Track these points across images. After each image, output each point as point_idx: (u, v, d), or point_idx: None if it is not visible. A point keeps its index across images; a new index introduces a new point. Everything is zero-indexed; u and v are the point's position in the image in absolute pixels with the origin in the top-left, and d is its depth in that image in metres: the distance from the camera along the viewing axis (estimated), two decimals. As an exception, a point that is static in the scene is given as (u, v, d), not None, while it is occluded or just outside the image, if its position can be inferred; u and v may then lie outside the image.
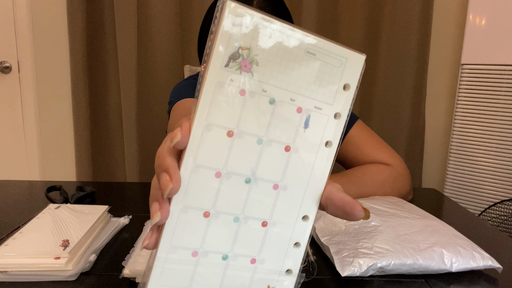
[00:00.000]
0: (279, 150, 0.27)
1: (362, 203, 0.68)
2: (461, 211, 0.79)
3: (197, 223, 0.27)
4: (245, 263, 0.29)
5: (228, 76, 0.25)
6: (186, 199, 0.26)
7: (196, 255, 0.27)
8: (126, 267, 0.51)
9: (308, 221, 0.29)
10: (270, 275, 0.30)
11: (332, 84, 0.28)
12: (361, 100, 1.79)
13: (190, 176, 0.26)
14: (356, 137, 0.84)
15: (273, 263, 0.29)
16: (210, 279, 0.28)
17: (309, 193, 0.29)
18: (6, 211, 0.73)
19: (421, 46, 1.70)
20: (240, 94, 0.25)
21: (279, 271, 0.30)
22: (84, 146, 1.85)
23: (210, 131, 0.25)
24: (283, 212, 0.29)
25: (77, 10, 1.74)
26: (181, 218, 0.26)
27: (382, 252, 0.52)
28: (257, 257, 0.29)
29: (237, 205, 0.27)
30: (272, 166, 0.27)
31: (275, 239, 0.29)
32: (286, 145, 0.27)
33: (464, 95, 1.62)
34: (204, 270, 0.28)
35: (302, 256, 0.30)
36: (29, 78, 1.89)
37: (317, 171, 0.29)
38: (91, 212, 0.64)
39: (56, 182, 0.85)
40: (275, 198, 0.28)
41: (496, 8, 1.50)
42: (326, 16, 1.71)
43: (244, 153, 0.26)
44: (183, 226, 0.26)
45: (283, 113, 0.27)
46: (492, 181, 1.59)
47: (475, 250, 0.54)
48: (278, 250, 0.29)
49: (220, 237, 0.27)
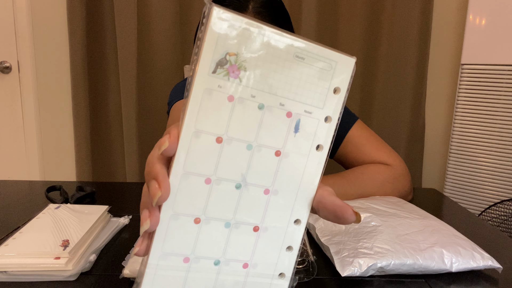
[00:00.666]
0: (270, 155, 0.27)
1: (353, 206, 0.68)
2: (461, 211, 0.79)
3: (187, 229, 0.26)
4: (237, 267, 0.29)
5: (216, 82, 0.25)
6: (176, 206, 0.26)
7: (188, 261, 0.27)
8: (126, 267, 0.51)
9: (300, 225, 0.29)
10: (263, 279, 0.29)
11: (322, 87, 0.28)
12: (361, 100, 1.80)
13: (180, 183, 0.26)
14: (356, 137, 0.84)
15: (266, 267, 0.29)
16: (202, 284, 0.28)
17: (301, 197, 0.29)
18: (6, 211, 0.73)
19: (421, 46, 1.70)
20: (228, 100, 0.25)
21: (271, 275, 0.30)
22: (84, 146, 1.85)
23: (198, 138, 0.25)
24: (275, 216, 0.29)
25: (77, 10, 1.74)
26: (171, 224, 0.26)
27: (382, 252, 0.52)
28: (249, 262, 0.29)
29: (228, 211, 0.27)
30: (262, 171, 0.27)
31: (267, 243, 0.29)
32: (276, 150, 0.27)
33: (464, 95, 1.62)
34: (196, 276, 0.28)
35: (295, 259, 0.30)
36: (29, 78, 1.89)
37: (308, 175, 0.29)
38: (91, 212, 0.64)
39: (56, 182, 0.85)
40: (266, 203, 0.28)
41: (496, 8, 1.50)
42: (326, 16, 1.71)
43: (234, 159, 0.26)
44: (173, 232, 0.26)
45: (273, 118, 0.27)
46: (492, 181, 1.59)
47: (475, 250, 0.54)
48: (271, 254, 0.29)
49: (211, 243, 0.27)
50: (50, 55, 1.89)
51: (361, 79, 1.77)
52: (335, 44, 1.75)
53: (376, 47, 1.75)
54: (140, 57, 1.77)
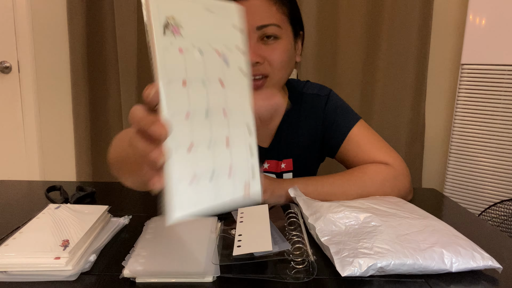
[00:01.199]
0: (218, 85, 0.39)
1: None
2: (461, 211, 0.79)
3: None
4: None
5: (168, 40, 0.35)
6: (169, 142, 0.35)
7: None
8: (126, 267, 0.51)
9: (251, 114, 0.42)
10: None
11: (229, 29, 0.41)
12: (361, 100, 1.80)
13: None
14: (357, 136, 0.84)
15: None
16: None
17: (245, 96, 0.42)
18: (6, 211, 0.73)
19: (421, 46, 1.70)
20: (179, 52, 0.36)
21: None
22: (84, 146, 1.85)
23: (171, 84, 0.35)
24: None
25: (77, 10, 1.74)
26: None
27: (382, 252, 0.52)
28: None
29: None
30: (217, 94, 0.39)
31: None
32: (220, 81, 0.39)
33: (464, 95, 1.62)
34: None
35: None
36: (29, 78, 1.89)
37: (244, 90, 0.42)
38: (91, 212, 0.64)
39: (56, 182, 0.85)
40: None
41: (496, 8, 1.50)
42: (326, 16, 1.71)
43: (197, 93, 0.37)
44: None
45: (211, 58, 0.39)
46: (492, 181, 1.59)
47: (475, 250, 0.54)
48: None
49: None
50: (50, 55, 1.89)
51: (361, 79, 1.77)
52: (335, 44, 1.75)
53: (376, 47, 1.75)
54: (140, 57, 1.77)
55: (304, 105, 0.88)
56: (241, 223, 0.62)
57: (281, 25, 0.75)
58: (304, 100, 0.88)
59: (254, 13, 0.72)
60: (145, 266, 0.51)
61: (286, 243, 0.56)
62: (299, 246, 0.55)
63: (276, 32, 0.74)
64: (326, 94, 0.88)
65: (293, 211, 0.66)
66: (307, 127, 0.88)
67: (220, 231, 0.63)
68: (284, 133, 0.87)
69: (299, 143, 0.88)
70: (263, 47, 0.74)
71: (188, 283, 0.49)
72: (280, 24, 0.74)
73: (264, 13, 0.73)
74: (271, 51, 0.74)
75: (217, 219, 0.67)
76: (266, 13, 0.73)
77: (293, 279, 0.51)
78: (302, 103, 0.88)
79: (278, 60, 0.75)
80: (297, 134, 0.88)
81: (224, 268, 0.52)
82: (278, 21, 0.74)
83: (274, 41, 0.74)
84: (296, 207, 0.70)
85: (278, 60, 0.75)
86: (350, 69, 1.76)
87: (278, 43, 0.75)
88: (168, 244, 0.58)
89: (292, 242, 0.56)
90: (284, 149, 0.87)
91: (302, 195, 0.73)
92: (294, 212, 0.66)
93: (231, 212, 0.69)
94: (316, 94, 0.88)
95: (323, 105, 0.87)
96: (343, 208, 0.64)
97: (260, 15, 0.72)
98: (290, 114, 0.87)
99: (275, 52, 0.74)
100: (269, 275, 0.51)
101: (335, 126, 0.86)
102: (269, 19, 0.73)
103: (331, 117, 0.86)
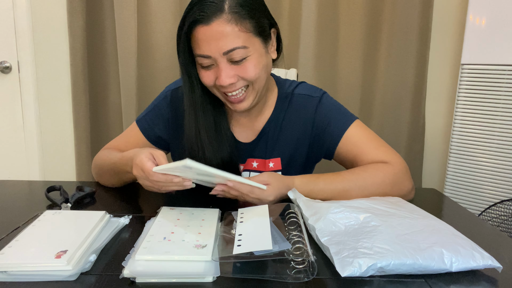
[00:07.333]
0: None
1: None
2: (461, 211, 0.79)
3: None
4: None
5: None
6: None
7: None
8: (126, 267, 0.51)
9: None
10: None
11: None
12: (361, 100, 1.79)
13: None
14: (354, 136, 0.84)
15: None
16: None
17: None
18: (6, 211, 0.73)
19: (421, 46, 1.70)
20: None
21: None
22: (84, 146, 1.84)
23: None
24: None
25: (77, 10, 1.74)
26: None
27: (382, 252, 0.52)
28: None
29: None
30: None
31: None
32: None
33: (464, 95, 1.62)
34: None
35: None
36: (29, 78, 1.89)
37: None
38: (88, 218, 0.63)
39: (56, 182, 0.85)
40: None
41: (496, 8, 1.50)
42: (326, 16, 1.71)
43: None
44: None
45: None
46: (492, 181, 1.59)
47: (475, 250, 0.54)
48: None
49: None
50: (50, 55, 1.89)
51: (361, 79, 1.77)
52: (335, 44, 1.74)
53: (376, 47, 1.75)
54: (140, 57, 1.77)
55: (293, 105, 0.87)
56: (241, 223, 0.62)
57: (247, 43, 0.73)
58: (293, 100, 0.88)
59: (219, 39, 0.71)
60: (145, 266, 0.51)
61: (286, 243, 0.56)
62: (299, 246, 0.55)
63: (242, 54, 0.73)
64: (318, 95, 0.87)
65: (293, 211, 0.66)
66: (295, 127, 0.87)
67: (220, 231, 0.63)
68: (270, 131, 0.87)
69: (286, 142, 0.87)
70: (235, 67, 0.74)
71: (188, 283, 0.49)
72: (245, 44, 0.73)
73: (228, 38, 0.71)
74: (243, 69, 0.74)
75: (218, 218, 0.67)
76: (230, 37, 0.71)
77: (293, 279, 0.51)
78: (291, 103, 0.88)
79: (252, 75, 0.75)
80: (283, 133, 0.87)
81: (224, 268, 0.52)
82: (243, 42, 0.72)
83: (244, 61, 0.74)
84: (296, 207, 0.70)
85: (251, 75, 0.75)
86: (350, 69, 1.75)
87: (248, 61, 0.74)
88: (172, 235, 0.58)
89: (292, 242, 0.56)
90: (271, 148, 0.87)
91: (302, 196, 0.73)
92: (294, 212, 0.66)
93: (231, 212, 0.69)
94: (307, 95, 0.88)
95: (314, 106, 0.86)
96: (343, 208, 0.64)
97: (224, 40, 0.71)
98: (277, 113, 0.87)
99: (247, 70, 0.74)
100: (269, 275, 0.51)
101: (330, 127, 0.85)
102: (233, 42, 0.71)
103: (325, 118, 0.86)
